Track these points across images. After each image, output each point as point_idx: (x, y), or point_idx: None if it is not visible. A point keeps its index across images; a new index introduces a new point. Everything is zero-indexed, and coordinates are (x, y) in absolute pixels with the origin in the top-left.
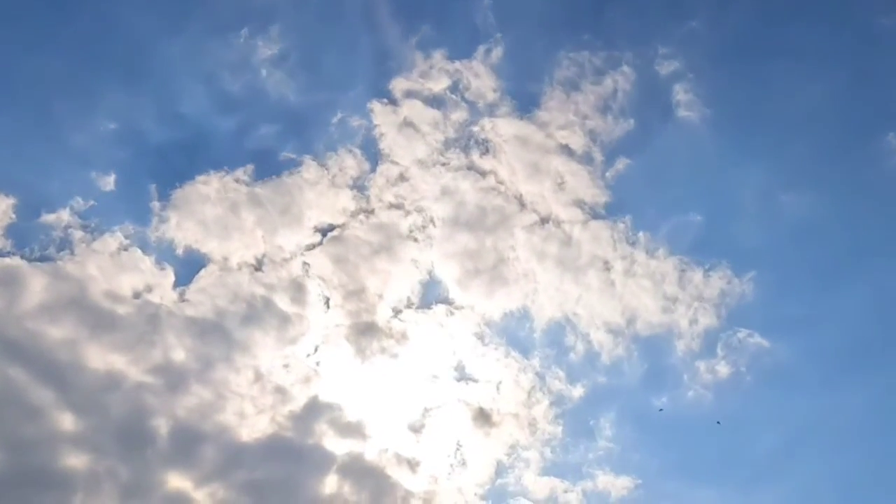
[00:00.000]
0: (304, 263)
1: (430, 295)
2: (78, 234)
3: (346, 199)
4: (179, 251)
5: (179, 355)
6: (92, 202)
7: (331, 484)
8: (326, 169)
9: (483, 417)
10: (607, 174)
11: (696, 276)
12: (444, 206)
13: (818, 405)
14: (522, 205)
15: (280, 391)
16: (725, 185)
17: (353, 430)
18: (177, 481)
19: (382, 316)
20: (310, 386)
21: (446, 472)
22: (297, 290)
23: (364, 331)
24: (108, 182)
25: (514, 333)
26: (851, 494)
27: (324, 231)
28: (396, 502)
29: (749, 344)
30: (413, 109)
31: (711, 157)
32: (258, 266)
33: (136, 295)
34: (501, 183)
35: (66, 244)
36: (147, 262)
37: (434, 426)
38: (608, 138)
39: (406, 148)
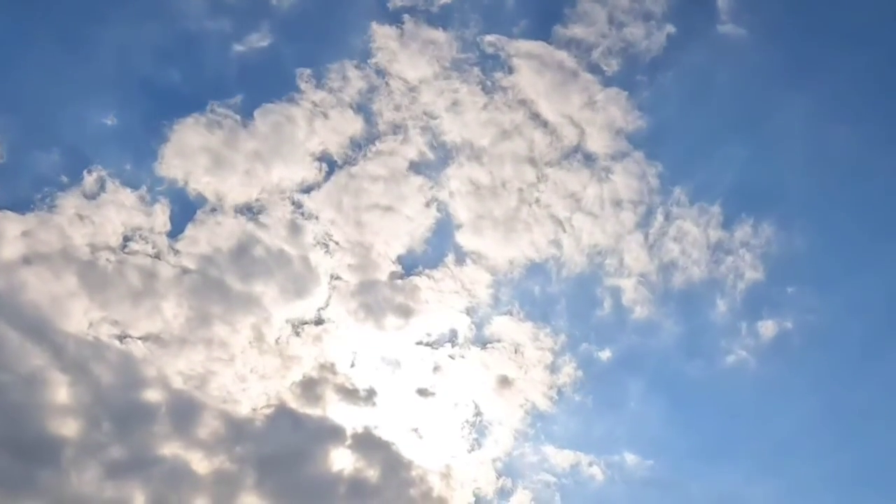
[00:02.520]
0: (302, 207)
1: (443, 245)
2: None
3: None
4: (173, 196)
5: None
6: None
7: (338, 458)
8: (328, 91)
9: (502, 384)
10: (642, 99)
11: (741, 222)
12: (458, 132)
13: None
14: (545, 134)
15: (283, 356)
16: (776, 117)
17: (361, 398)
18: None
19: (390, 270)
20: (314, 350)
21: (461, 444)
22: (295, 234)
23: (370, 288)
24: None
25: (535, 288)
26: None
27: (328, 163)
28: (409, 476)
29: (799, 302)
30: (418, 27)
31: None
32: (255, 210)
33: (123, 245)
34: (523, 104)
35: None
36: (137, 207)
37: (448, 394)
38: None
39: (412, 67)
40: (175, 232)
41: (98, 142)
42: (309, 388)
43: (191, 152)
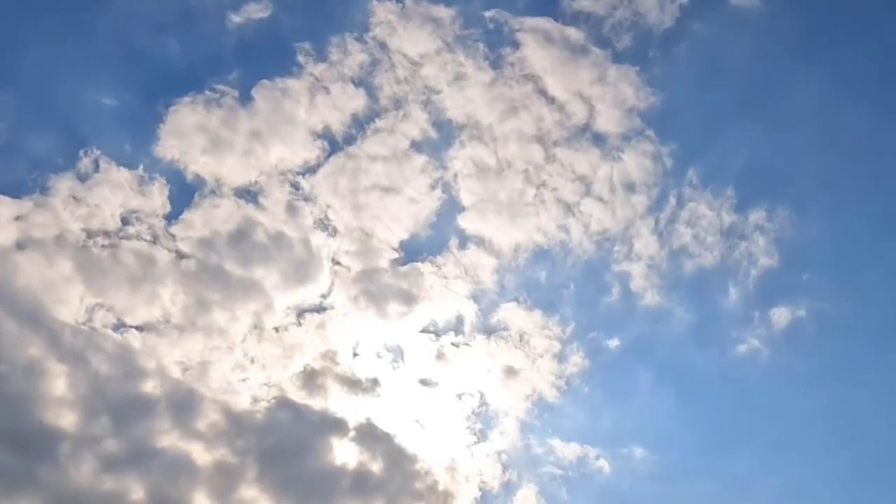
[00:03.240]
0: (302, 189)
1: (446, 229)
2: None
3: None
4: (171, 177)
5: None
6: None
7: (341, 451)
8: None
9: (508, 374)
10: (653, 76)
11: (756, 205)
12: (462, 108)
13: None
14: (553, 112)
15: (284, 344)
16: (792, 93)
17: (363, 389)
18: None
19: (392, 256)
20: (316, 339)
21: (467, 436)
22: (295, 217)
23: (372, 274)
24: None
25: (542, 274)
26: None
27: (329, 141)
28: (414, 469)
29: (815, 289)
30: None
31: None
32: (254, 192)
33: (120, 229)
34: (529, 80)
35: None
36: (133, 189)
37: (453, 385)
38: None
39: (413, 42)
40: (173, 215)
41: (93, 122)
42: (310, 378)
43: (188, 133)
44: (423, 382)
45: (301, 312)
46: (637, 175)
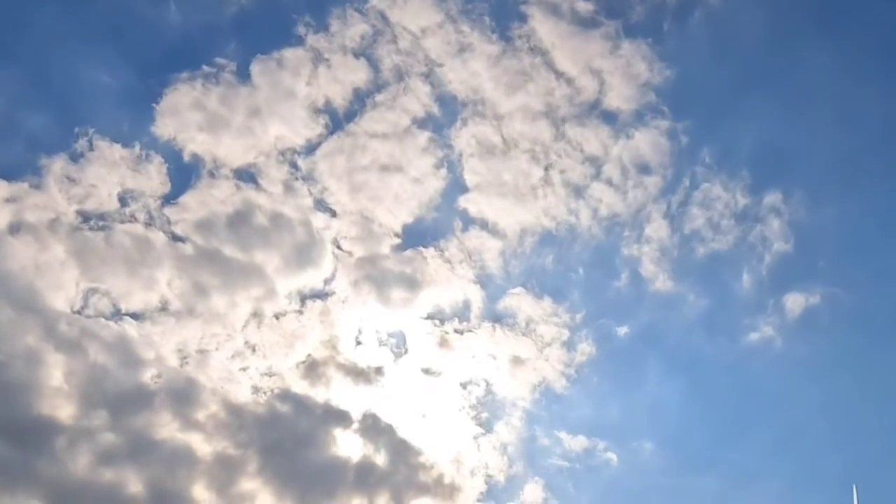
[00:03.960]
0: (301, 170)
1: (450, 212)
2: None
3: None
4: (169, 156)
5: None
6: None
7: (344, 443)
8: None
9: (514, 363)
10: (666, 49)
11: (771, 187)
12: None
13: None
14: (562, 87)
15: (284, 332)
16: (810, 68)
17: (366, 378)
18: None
19: (394, 242)
20: (318, 326)
21: (472, 428)
22: (295, 199)
23: (374, 259)
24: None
25: (549, 259)
26: None
27: (330, 115)
28: (418, 462)
29: (828, 275)
30: None
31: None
32: (253, 173)
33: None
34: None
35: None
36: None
37: (457, 374)
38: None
39: (416, 15)
40: (171, 196)
41: (88, 100)
42: (312, 368)
43: (186, 111)
44: (427, 371)
45: (302, 298)
46: (650, 154)
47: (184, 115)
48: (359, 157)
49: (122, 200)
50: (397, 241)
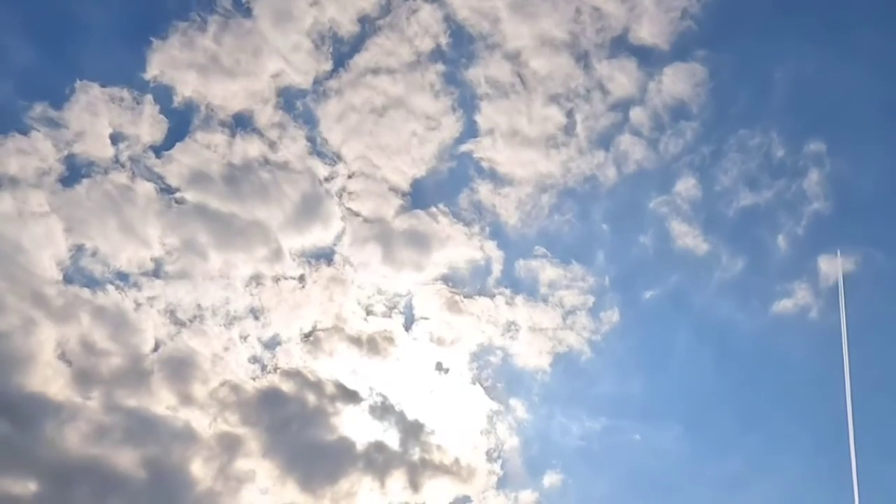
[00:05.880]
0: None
1: (464, 165)
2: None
3: None
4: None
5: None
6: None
7: (352, 423)
8: None
9: (532, 331)
10: None
11: (811, 139)
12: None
13: None
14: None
15: (287, 304)
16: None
17: (374, 352)
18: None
19: (400, 202)
20: (322, 294)
21: (488, 404)
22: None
23: (381, 220)
24: None
25: (571, 218)
26: None
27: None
28: (428, 442)
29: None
30: None
31: None
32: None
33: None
34: None
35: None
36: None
37: (470, 345)
38: None
39: None
40: (164, 147)
41: (77, 44)
42: (316, 338)
43: (180, 52)
44: (439, 342)
45: (306, 259)
46: (684, 93)
47: (177, 55)
48: (363, 100)
49: (116, 139)
50: (402, 202)
